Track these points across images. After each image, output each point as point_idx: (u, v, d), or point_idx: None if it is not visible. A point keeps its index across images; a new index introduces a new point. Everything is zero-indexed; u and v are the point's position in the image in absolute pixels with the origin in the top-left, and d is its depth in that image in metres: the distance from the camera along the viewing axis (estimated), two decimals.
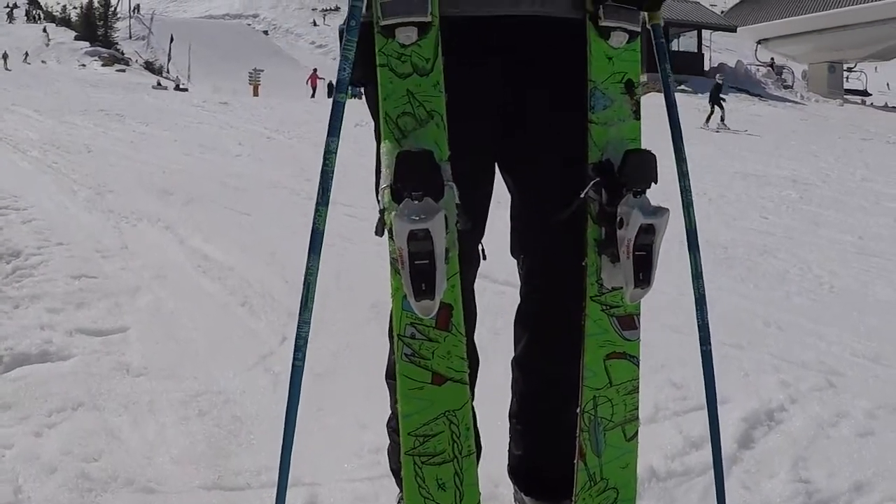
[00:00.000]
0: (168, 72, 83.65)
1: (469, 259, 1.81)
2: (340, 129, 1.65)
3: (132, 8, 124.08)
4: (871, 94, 47.26)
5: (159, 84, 59.77)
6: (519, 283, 2.06)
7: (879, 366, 3.81)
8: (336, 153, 1.66)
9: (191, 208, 7.22)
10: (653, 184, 1.75)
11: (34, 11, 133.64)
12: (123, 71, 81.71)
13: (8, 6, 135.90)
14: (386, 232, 1.60)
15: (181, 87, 62.85)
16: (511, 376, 2.12)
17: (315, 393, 2.78)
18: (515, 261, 2.04)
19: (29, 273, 4.99)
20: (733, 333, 4.13)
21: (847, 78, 48.15)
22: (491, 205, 1.94)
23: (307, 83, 50.17)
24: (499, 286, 3.85)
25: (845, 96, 43.71)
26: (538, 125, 1.86)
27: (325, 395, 3.05)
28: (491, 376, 2.20)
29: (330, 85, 51.08)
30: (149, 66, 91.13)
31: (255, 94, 41.93)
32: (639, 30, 1.83)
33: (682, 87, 36.62)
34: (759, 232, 7.16)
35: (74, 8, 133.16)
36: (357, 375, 3.21)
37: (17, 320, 4.09)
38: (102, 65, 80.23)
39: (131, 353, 3.71)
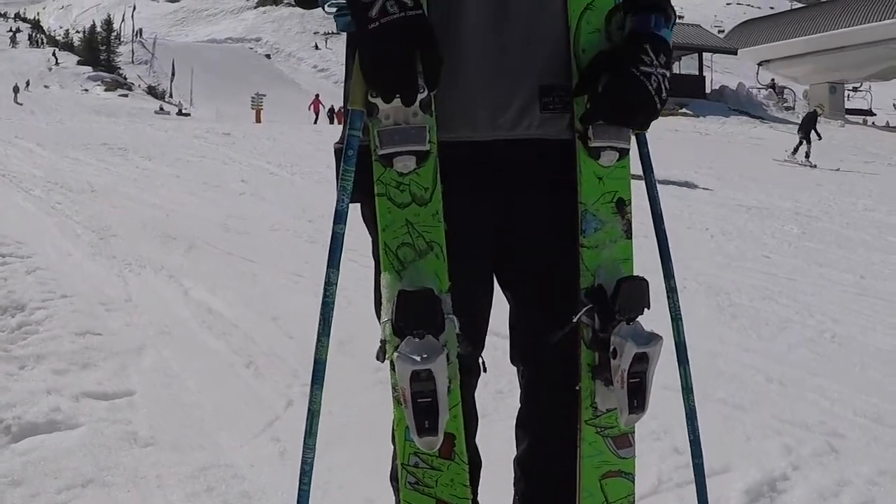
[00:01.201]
0: (171, 96, 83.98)
1: (469, 370, 1.84)
2: (340, 260, 1.67)
3: (135, 32, 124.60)
4: (875, 114, 47.37)
5: (162, 109, 60.18)
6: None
7: (881, 426, 3.83)
8: (336, 284, 1.67)
9: (194, 255, 7.26)
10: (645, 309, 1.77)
11: (37, 36, 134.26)
12: (126, 96, 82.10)
13: (11, 30, 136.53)
14: (387, 362, 1.62)
15: (183, 112, 63.18)
16: (513, 473, 2.14)
17: (322, 467, 2.80)
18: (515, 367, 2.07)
19: (34, 329, 5.01)
20: (735, 393, 4.16)
21: (849, 96, 48.26)
22: None
23: (309, 109, 50.48)
24: (503, 340, 3.88)
25: (847, 116, 43.83)
26: (531, 248, 1.89)
27: (332, 469, 3.07)
28: (494, 440, 2.23)
29: (331, 111, 51.43)
30: (151, 91, 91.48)
31: (258, 119, 42.01)
32: (629, 147, 1.85)
33: (683, 110, 36.72)
34: (762, 273, 7.18)
35: (77, 32, 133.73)
36: (364, 446, 3.22)
37: (23, 383, 4.11)
38: (105, 90, 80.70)
39: (138, 421, 3.72)
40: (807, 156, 21.65)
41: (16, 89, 57.81)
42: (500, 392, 3.72)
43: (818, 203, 12.29)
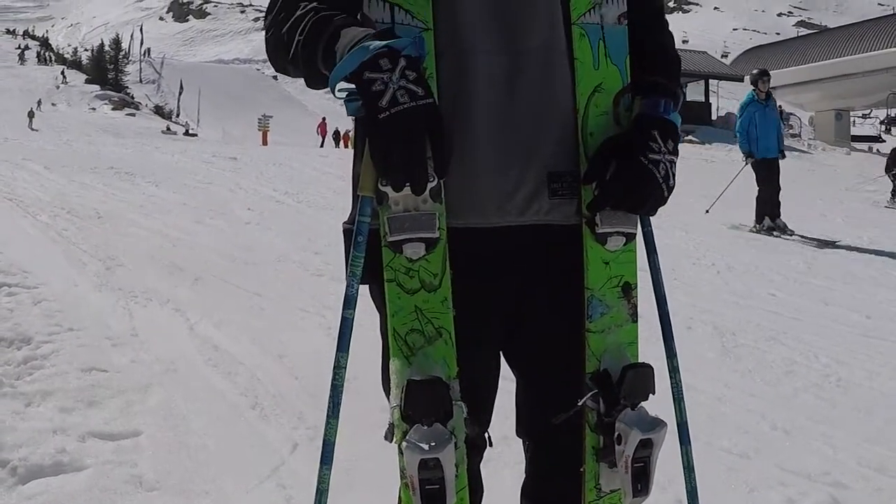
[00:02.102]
0: (178, 116, 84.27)
1: (475, 446, 1.85)
2: (349, 344, 1.67)
3: (143, 52, 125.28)
4: (884, 140, 47.36)
5: (169, 129, 60.39)
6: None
7: (884, 476, 3.84)
8: (346, 368, 1.67)
9: (200, 287, 7.28)
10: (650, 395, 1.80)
11: (45, 53, 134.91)
12: (133, 115, 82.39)
13: (20, 48, 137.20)
14: (396, 444, 1.64)
15: (190, 132, 63.35)
16: None
17: None
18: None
19: (41, 364, 5.03)
20: (740, 441, 4.17)
21: (854, 122, 48.26)
22: None
23: (317, 132, 50.70)
24: (510, 383, 3.88)
25: (853, 143, 43.86)
26: (538, 332, 1.91)
27: None
28: (499, 486, 2.24)
29: (336, 133, 51.64)
30: (158, 111, 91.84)
31: (265, 142, 42.14)
32: (635, 231, 1.87)
33: (690, 137, 36.75)
34: (767, 312, 7.18)
35: (86, 50, 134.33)
36: (371, 494, 3.22)
37: (29, 422, 4.13)
38: (112, 108, 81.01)
39: (143, 463, 3.74)
40: (893, 195, 19.54)
41: (31, 114, 57.69)
42: (505, 437, 3.72)
43: (823, 235, 12.29)
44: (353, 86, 1.60)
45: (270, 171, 17.90)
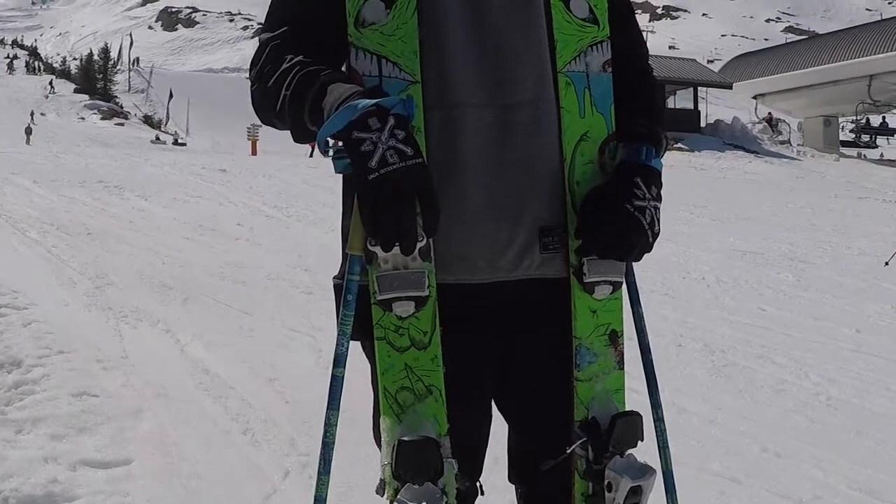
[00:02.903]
0: (167, 125, 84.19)
1: (467, 496, 1.85)
2: (340, 402, 1.67)
3: (132, 61, 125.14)
4: (877, 146, 47.48)
5: (158, 139, 60.32)
6: None
7: (875, 500, 3.86)
8: (336, 425, 1.67)
9: (190, 306, 7.27)
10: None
11: (34, 63, 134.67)
12: (122, 125, 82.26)
13: (8, 57, 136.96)
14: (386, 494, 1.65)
15: (179, 141, 63.31)
16: None
17: None
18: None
19: (31, 389, 5.01)
20: (731, 464, 4.18)
21: (843, 128, 48.32)
22: None
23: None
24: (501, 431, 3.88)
25: (842, 149, 44.03)
26: (528, 382, 1.92)
27: None
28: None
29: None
30: (147, 120, 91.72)
31: (254, 151, 42.05)
32: (622, 280, 1.88)
33: (679, 145, 36.84)
34: (758, 328, 7.21)
35: (74, 59, 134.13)
36: None
37: (20, 450, 4.11)
38: (101, 118, 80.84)
39: (136, 493, 3.74)
40: None
41: (28, 131, 57.55)
42: (495, 460, 3.73)
43: (813, 246, 12.32)
44: (341, 143, 1.60)
45: (260, 184, 17.88)
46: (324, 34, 1.84)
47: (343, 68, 1.84)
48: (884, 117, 49.12)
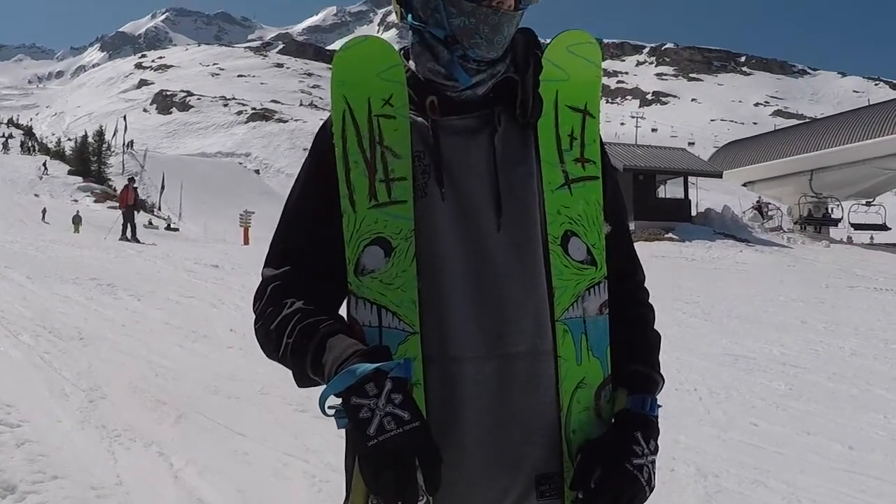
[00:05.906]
0: (160, 209, 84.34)
1: None
2: None
3: (126, 144, 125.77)
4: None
5: (150, 224, 60.23)
6: None
7: None
8: None
9: (184, 426, 7.27)
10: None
11: (29, 142, 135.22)
12: (115, 207, 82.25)
13: (3, 136, 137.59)
14: None
15: (172, 226, 63.34)
16: None
17: None
18: None
19: None
20: None
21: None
22: None
23: None
24: None
25: (832, 235, 44.34)
26: None
27: None
28: None
29: None
30: (141, 205, 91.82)
31: (246, 240, 42.09)
32: None
33: (670, 234, 37.06)
34: (750, 445, 7.24)
35: (69, 140, 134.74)
36: None
37: None
38: (94, 201, 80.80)
39: None
40: None
41: (45, 211, 59.51)
42: None
43: (804, 348, 12.34)
44: (340, 405, 1.66)
45: (253, 283, 17.75)
46: (325, 274, 1.91)
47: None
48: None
